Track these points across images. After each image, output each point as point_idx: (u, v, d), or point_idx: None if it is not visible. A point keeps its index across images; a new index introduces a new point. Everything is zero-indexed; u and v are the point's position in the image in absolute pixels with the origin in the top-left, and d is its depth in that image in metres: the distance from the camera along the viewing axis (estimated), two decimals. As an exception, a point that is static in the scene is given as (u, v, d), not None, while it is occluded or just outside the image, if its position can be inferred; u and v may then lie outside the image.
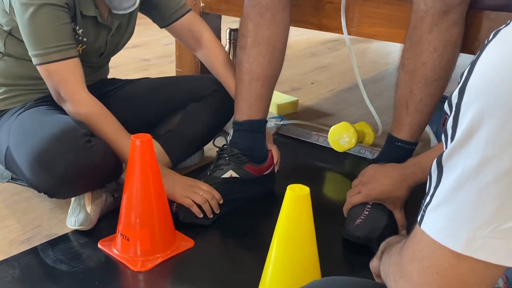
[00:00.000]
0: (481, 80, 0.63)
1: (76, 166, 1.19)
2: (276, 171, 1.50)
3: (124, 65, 2.45)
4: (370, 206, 1.29)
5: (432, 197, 0.68)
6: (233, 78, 1.47)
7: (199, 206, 1.30)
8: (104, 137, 1.28)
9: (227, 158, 1.41)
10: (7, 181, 1.45)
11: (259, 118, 1.42)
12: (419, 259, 0.70)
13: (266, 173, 1.46)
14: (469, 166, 0.63)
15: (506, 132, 0.61)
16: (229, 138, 1.44)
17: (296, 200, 0.98)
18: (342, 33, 1.49)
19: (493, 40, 0.65)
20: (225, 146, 1.43)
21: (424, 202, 0.70)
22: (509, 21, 0.66)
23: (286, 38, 1.43)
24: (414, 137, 1.35)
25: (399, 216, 1.29)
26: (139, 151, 1.15)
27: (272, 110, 1.94)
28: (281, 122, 1.92)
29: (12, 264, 1.16)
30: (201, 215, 1.31)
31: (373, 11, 1.44)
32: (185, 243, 1.25)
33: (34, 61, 1.27)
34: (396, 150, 1.35)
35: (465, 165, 0.63)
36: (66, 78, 1.27)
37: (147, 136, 1.16)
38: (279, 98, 2.08)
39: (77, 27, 1.32)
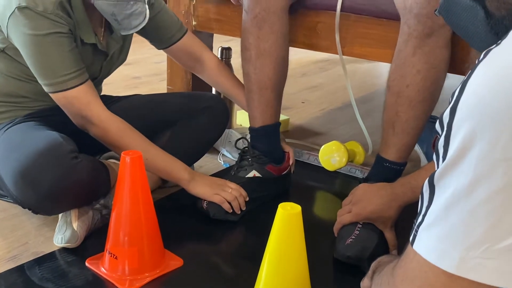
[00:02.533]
0: (472, 99, 0.64)
1: (62, 183, 1.18)
2: (292, 171, 1.59)
3: (115, 83, 2.44)
4: (360, 226, 1.29)
5: (424, 217, 0.68)
6: (240, 89, 1.56)
7: (230, 204, 1.38)
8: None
9: (249, 159, 1.50)
10: None
11: (272, 122, 1.51)
12: (410, 279, 0.71)
13: (284, 173, 1.55)
14: (461, 185, 0.63)
15: (497, 151, 0.61)
16: (220, 156, 1.46)
17: (287, 218, 0.98)
18: (333, 53, 1.51)
19: (484, 60, 0.66)
20: (247, 148, 1.52)
21: (416, 221, 0.70)
22: (499, 41, 0.67)
23: (287, 46, 1.49)
24: (402, 158, 1.36)
25: (389, 235, 1.29)
26: (129, 167, 1.14)
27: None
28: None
29: (-4, 283, 1.14)
30: (231, 211, 1.39)
31: (365, 31, 1.46)
32: (174, 262, 1.24)
33: (47, 89, 1.27)
34: (384, 171, 1.37)
35: (457, 185, 0.64)
36: (88, 101, 1.28)
37: (138, 153, 1.15)
38: None
39: None
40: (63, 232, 1.25)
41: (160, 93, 1.72)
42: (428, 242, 0.68)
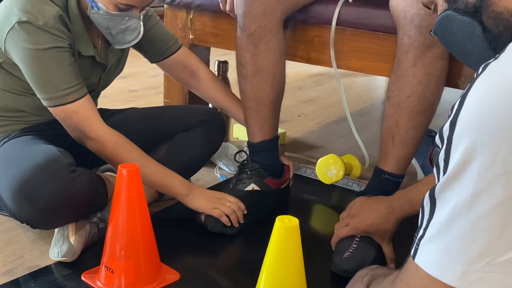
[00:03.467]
0: (472, 113, 0.64)
1: (60, 196, 1.18)
2: (291, 185, 1.60)
3: (111, 96, 2.44)
4: (358, 239, 1.28)
5: (425, 230, 0.68)
6: (235, 104, 1.56)
7: (228, 217, 1.38)
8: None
9: (248, 173, 1.49)
10: None
11: (270, 137, 1.51)
12: None
13: (282, 186, 1.56)
14: (462, 199, 0.63)
15: (497, 164, 0.61)
16: (217, 169, 1.46)
17: (285, 231, 0.97)
18: (330, 66, 1.51)
19: (483, 73, 0.66)
20: (246, 162, 1.51)
21: (417, 235, 0.70)
22: (497, 55, 0.68)
23: (284, 61, 1.48)
24: (401, 170, 1.37)
25: (387, 249, 1.28)
26: (126, 181, 1.14)
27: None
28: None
29: (-9, 297, 1.13)
30: (229, 224, 1.38)
31: (361, 45, 1.47)
32: (171, 275, 1.23)
33: (46, 103, 1.27)
34: (383, 183, 1.37)
35: (458, 198, 0.64)
36: (87, 116, 1.28)
37: (135, 165, 1.15)
38: None
39: None
40: (59, 246, 1.24)
41: (157, 106, 1.72)
42: (430, 255, 0.68)
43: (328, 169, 1.68)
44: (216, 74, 1.94)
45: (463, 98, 0.66)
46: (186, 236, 1.40)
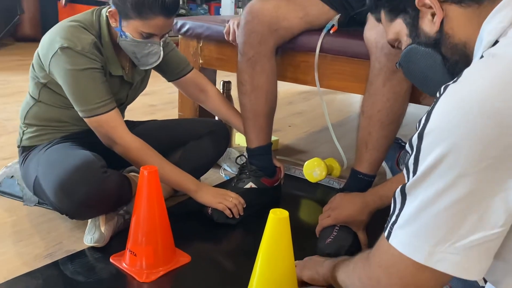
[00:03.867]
0: (436, 127, 0.64)
1: (94, 193, 1.17)
2: (282, 183, 1.58)
3: (136, 109, 2.42)
4: (338, 228, 1.28)
5: (397, 217, 0.68)
6: (236, 116, 1.55)
7: (230, 210, 1.37)
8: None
9: (247, 173, 1.48)
10: (34, 205, 1.43)
11: (265, 143, 1.49)
12: (385, 267, 0.71)
13: (275, 184, 1.54)
14: (428, 195, 0.64)
15: (456, 168, 0.61)
16: (222, 170, 1.44)
17: (277, 222, 0.97)
18: (314, 86, 1.50)
19: (444, 93, 0.66)
20: (245, 164, 1.50)
21: (390, 220, 0.70)
22: (456, 79, 0.67)
23: (276, 81, 1.47)
24: (373, 171, 1.36)
25: (362, 236, 1.28)
26: (147, 180, 1.13)
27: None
28: (264, 158, 1.92)
29: (36, 276, 1.12)
30: (231, 216, 1.37)
31: (340, 68, 1.45)
32: (183, 258, 1.22)
33: (82, 114, 1.27)
34: (358, 182, 1.36)
35: (424, 194, 0.64)
36: (115, 125, 1.28)
37: (154, 167, 1.15)
38: None
39: None
40: (92, 233, 1.23)
41: (173, 118, 1.70)
42: (403, 238, 0.67)
43: (313, 170, 1.67)
44: (221, 92, 1.94)
45: (428, 114, 0.66)
46: (196, 225, 1.39)
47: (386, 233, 0.71)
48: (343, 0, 1.46)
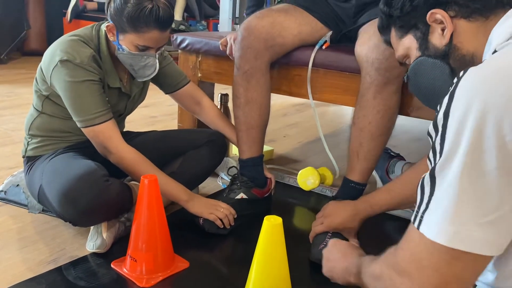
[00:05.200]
0: (464, 103, 0.61)
1: (96, 201, 1.17)
2: (273, 193, 1.56)
3: (136, 121, 2.44)
4: (330, 235, 1.28)
5: (428, 205, 0.64)
6: (229, 128, 1.54)
7: (221, 220, 1.35)
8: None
9: (238, 184, 1.47)
10: (38, 212, 1.42)
11: (257, 155, 1.48)
12: (417, 260, 0.65)
13: (266, 195, 1.52)
14: (454, 174, 0.61)
15: (485, 138, 0.58)
16: (219, 179, 1.45)
17: (271, 228, 0.98)
18: (307, 98, 1.50)
19: (465, 75, 0.63)
20: (237, 175, 1.49)
21: (420, 209, 0.65)
22: (468, 68, 0.65)
23: (269, 95, 1.46)
24: (364, 180, 1.36)
25: (353, 242, 1.27)
26: (147, 188, 1.13)
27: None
28: (260, 167, 1.92)
29: (40, 281, 1.12)
30: (222, 226, 1.35)
31: (332, 82, 1.46)
32: (182, 264, 1.22)
33: (80, 124, 1.27)
34: (350, 190, 1.36)
35: (452, 174, 0.61)
36: (110, 135, 1.27)
37: (154, 176, 1.15)
38: None
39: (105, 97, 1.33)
40: (94, 240, 1.23)
41: (172, 129, 1.71)
42: (435, 224, 0.62)
43: (307, 178, 1.68)
44: (218, 104, 1.95)
45: (451, 94, 0.63)
46: (194, 232, 1.38)
47: (416, 223, 0.65)
48: (336, 18, 1.48)
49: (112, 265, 1.19)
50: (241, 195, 1.45)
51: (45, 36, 4.66)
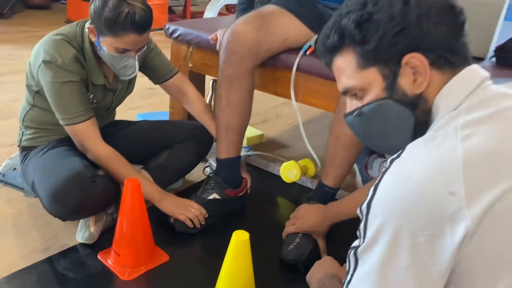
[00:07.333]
0: (381, 201, 0.67)
1: (83, 201, 1.24)
2: (248, 192, 1.61)
3: (134, 93, 2.45)
4: (300, 236, 1.36)
5: (352, 277, 0.72)
6: (212, 121, 1.55)
7: (191, 220, 1.40)
8: (118, 173, 1.34)
9: (212, 184, 1.51)
10: (34, 197, 1.50)
11: (234, 156, 1.52)
12: None
13: (240, 195, 1.56)
14: (374, 262, 0.68)
15: (395, 241, 0.65)
16: (206, 167, 1.54)
17: (238, 243, 1.06)
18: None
19: (389, 170, 0.68)
20: (211, 175, 1.52)
21: (346, 278, 0.73)
22: (400, 152, 0.70)
23: (251, 99, 1.48)
24: (337, 185, 1.44)
25: (321, 244, 1.37)
26: (130, 191, 1.22)
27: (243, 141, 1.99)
28: (249, 152, 1.99)
29: (30, 272, 1.22)
30: (192, 226, 1.40)
31: (314, 87, 1.49)
32: (162, 257, 1.32)
33: (61, 122, 1.32)
34: (323, 193, 1.45)
35: (371, 261, 0.68)
36: (88, 134, 1.33)
37: (136, 180, 1.23)
38: (249, 131, 2.11)
39: (89, 93, 1.38)
40: (83, 232, 1.32)
41: (161, 120, 1.73)
42: None
43: (289, 171, 1.72)
44: (210, 90, 1.99)
45: (376, 186, 0.68)
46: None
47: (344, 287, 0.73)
48: (324, 22, 1.47)
49: (98, 256, 1.29)
50: (214, 196, 1.49)
51: (49, -10, 4.61)
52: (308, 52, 1.47)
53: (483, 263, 0.65)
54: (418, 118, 0.76)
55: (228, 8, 5.04)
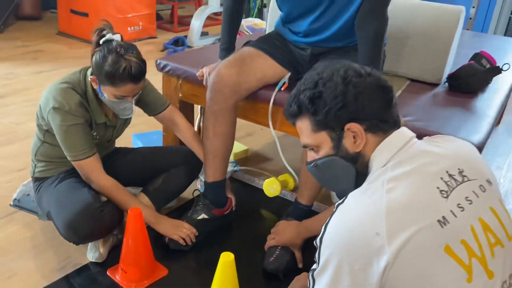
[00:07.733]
0: (328, 239, 0.88)
1: (93, 229, 1.45)
2: (233, 209, 1.80)
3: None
4: (279, 248, 1.58)
5: None
6: (200, 148, 1.73)
7: (183, 239, 1.60)
8: (119, 201, 1.54)
9: (201, 205, 1.70)
10: (47, 219, 1.67)
11: (220, 179, 1.71)
12: None
13: (226, 213, 1.76)
14: (326, 283, 0.88)
15: (337, 270, 0.86)
16: (198, 182, 1.73)
17: (224, 264, 1.28)
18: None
19: (335, 213, 0.89)
20: (199, 197, 1.72)
21: None
22: (344, 198, 0.90)
23: (234, 129, 1.68)
24: (310, 203, 1.67)
25: (298, 255, 1.59)
26: (133, 219, 1.43)
27: (230, 157, 2.19)
28: (235, 168, 2.20)
29: (53, 290, 1.43)
30: (185, 244, 1.60)
31: (289, 118, 1.71)
32: (162, 271, 1.53)
33: (69, 158, 1.52)
34: (299, 210, 1.67)
35: (324, 282, 0.89)
36: (92, 168, 1.53)
37: (138, 209, 1.44)
38: (235, 147, 2.28)
39: (93, 131, 1.58)
40: (93, 252, 1.53)
41: (157, 147, 1.92)
42: None
43: (271, 187, 1.88)
44: (199, 113, 2.19)
45: (326, 225, 0.88)
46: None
47: None
48: (295, 62, 1.71)
49: (108, 273, 1.50)
50: (203, 216, 1.68)
51: (39, 1, 4.71)
52: (282, 88, 1.69)
53: (403, 286, 0.87)
54: (358, 170, 0.97)
55: (213, 17, 5.21)
